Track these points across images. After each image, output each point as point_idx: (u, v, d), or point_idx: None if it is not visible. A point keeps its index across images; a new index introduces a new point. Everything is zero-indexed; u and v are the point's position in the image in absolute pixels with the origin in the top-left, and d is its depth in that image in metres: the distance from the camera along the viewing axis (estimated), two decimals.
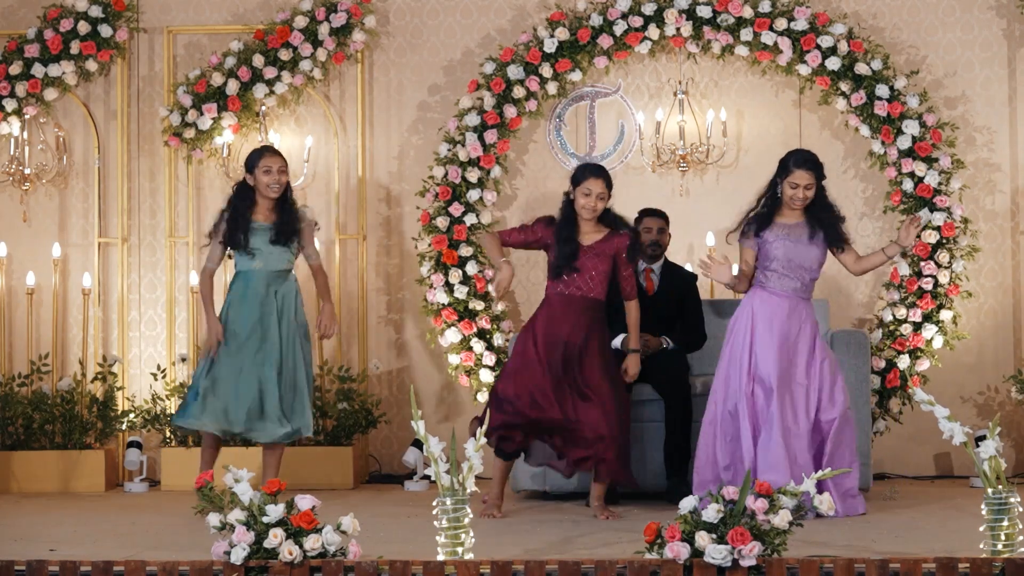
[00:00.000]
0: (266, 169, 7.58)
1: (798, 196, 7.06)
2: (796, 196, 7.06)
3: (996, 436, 5.38)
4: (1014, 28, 9.01)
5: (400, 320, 9.26)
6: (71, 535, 6.70)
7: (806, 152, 7.24)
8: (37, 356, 9.03)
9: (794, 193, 7.06)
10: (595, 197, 7.23)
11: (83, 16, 9.06)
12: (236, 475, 5.27)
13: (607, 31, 8.89)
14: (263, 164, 7.59)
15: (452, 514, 5.23)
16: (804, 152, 7.24)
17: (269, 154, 7.67)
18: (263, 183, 7.58)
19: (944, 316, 8.66)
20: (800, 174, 7.06)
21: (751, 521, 5.04)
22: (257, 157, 7.64)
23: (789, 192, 7.07)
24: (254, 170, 7.61)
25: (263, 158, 7.62)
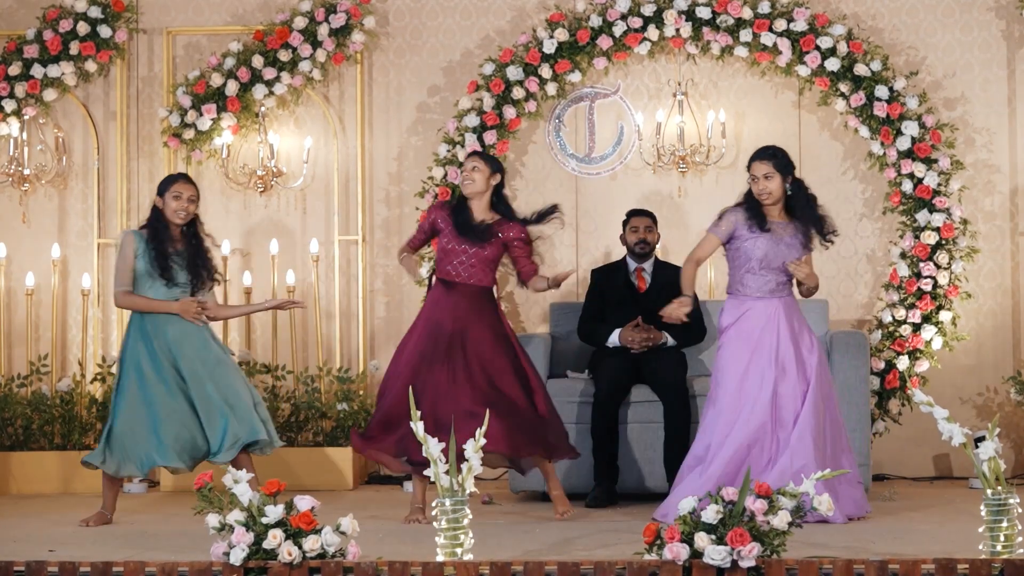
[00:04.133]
0: (176, 195, 7.33)
1: (760, 188, 7.02)
2: (758, 189, 7.02)
3: (995, 437, 5.39)
4: (1013, 29, 9.02)
5: (400, 321, 9.25)
6: (71, 535, 6.70)
7: (766, 146, 7.24)
8: (36, 357, 9.03)
9: (756, 187, 7.04)
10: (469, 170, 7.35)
11: (82, 17, 9.06)
12: (235, 476, 5.28)
13: (606, 32, 8.89)
14: (174, 189, 7.34)
15: (451, 515, 5.24)
16: (764, 146, 7.23)
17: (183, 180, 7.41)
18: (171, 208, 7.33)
19: (943, 317, 8.66)
20: (755, 165, 7.05)
21: (750, 522, 5.04)
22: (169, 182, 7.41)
23: (753, 188, 7.07)
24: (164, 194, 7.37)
25: (175, 183, 7.37)
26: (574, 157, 9.19)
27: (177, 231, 7.38)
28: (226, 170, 9.16)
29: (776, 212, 7.09)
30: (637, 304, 8.08)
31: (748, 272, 7.07)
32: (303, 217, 9.29)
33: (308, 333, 9.21)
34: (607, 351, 8.03)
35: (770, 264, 7.03)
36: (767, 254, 7.03)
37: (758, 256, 7.03)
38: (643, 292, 8.15)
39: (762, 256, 7.03)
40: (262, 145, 9.15)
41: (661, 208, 8.72)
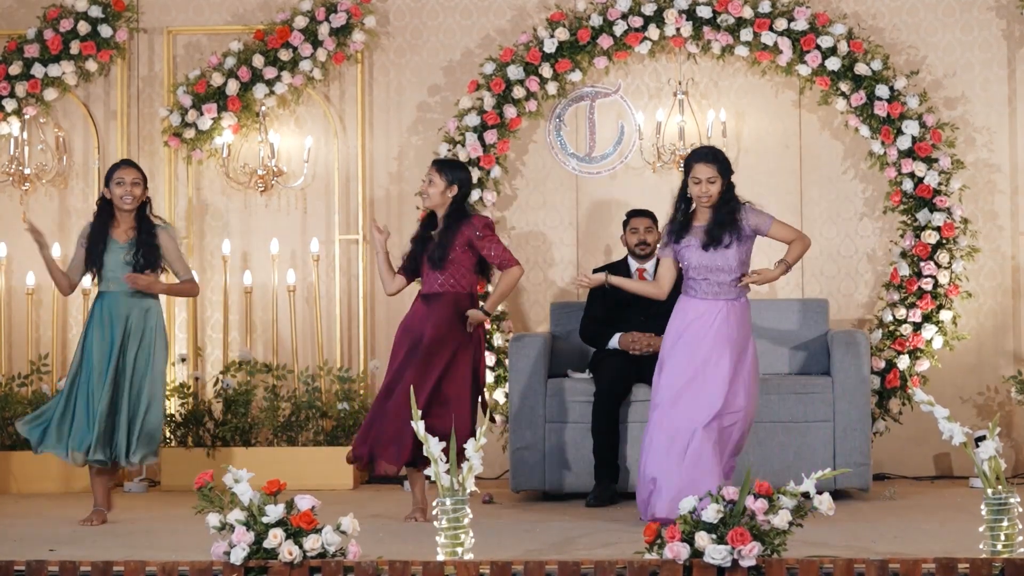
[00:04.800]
0: (119, 181, 7.37)
1: (700, 191, 6.92)
2: (699, 192, 6.92)
3: (995, 437, 5.39)
4: (1014, 28, 9.01)
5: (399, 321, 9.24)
6: (71, 535, 6.70)
7: (705, 147, 7.18)
8: (37, 356, 9.03)
9: (697, 189, 6.95)
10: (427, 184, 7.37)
11: (83, 16, 9.06)
12: (236, 475, 5.28)
13: (607, 31, 8.89)
14: (116, 176, 7.39)
15: (452, 514, 5.24)
16: (703, 147, 7.16)
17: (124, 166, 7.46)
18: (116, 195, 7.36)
19: (944, 316, 8.66)
20: (699, 167, 6.94)
21: (751, 521, 5.04)
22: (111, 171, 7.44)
23: (693, 190, 6.96)
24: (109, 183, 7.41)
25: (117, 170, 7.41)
26: (575, 156, 9.19)
27: (129, 218, 7.40)
28: (227, 170, 9.16)
29: (706, 214, 7.01)
30: (639, 305, 8.06)
31: (691, 279, 6.99)
32: (303, 216, 9.29)
33: (309, 332, 9.21)
34: (608, 351, 8.03)
35: (707, 268, 6.93)
36: (700, 261, 6.92)
37: (693, 264, 6.93)
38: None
39: (696, 263, 6.94)
40: (263, 144, 9.15)
41: (661, 208, 8.70)
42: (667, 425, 6.80)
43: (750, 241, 6.97)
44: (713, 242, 6.88)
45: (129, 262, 7.37)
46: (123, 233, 7.42)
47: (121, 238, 7.42)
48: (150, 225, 7.44)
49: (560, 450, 7.92)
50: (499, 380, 8.78)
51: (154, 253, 7.40)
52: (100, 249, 7.39)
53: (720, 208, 6.93)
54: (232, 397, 8.82)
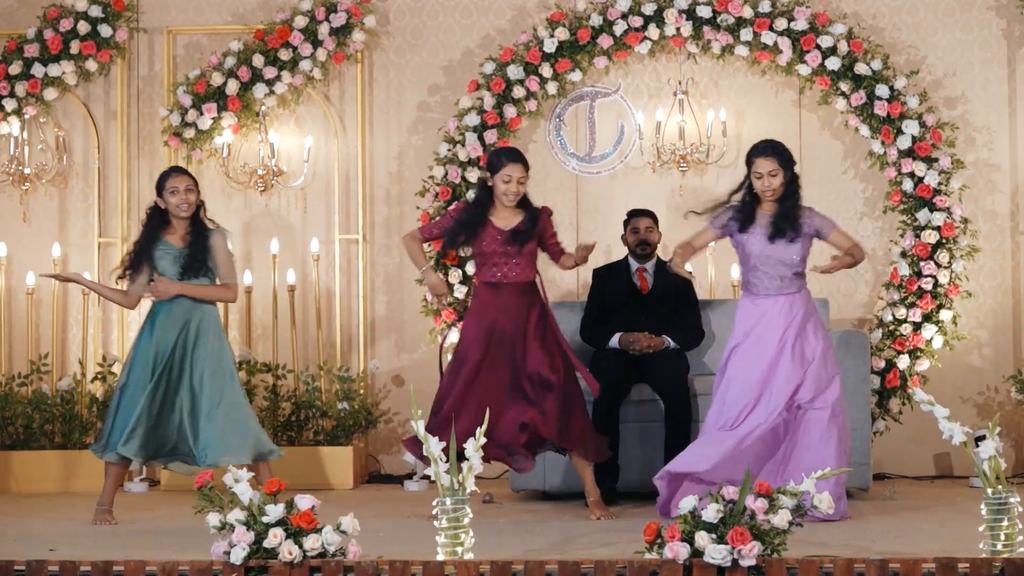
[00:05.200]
0: (173, 189, 7.30)
1: (764, 185, 7.00)
2: (763, 186, 7.01)
3: (996, 436, 5.38)
4: (1014, 28, 9.02)
5: (400, 320, 9.26)
6: (71, 535, 6.70)
7: (765, 140, 7.21)
8: (37, 356, 9.04)
9: (760, 183, 7.02)
10: (516, 182, 7.18)
11: (83, 16, 9.06)
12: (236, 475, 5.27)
13: (607, 31, 8.89)
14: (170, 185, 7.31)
15: (452, 514, 5.24)
16: (763, 141, 7.20)
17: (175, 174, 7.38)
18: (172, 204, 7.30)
19: (944, 316, 8.66)
20: (760, 162, 7.02)
21: (751, 521, 5.04)
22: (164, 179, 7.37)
23: (756, 184, 7.04)
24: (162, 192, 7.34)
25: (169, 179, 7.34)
26: (575, 156, 9.19)
27: (185, 224, 7.34)
28: (227, 169, 9.16)
29: (771, 207, 7.07)
30: (640, 305, 8.07)
31: (751, 271, 7.08)
32: (304, 216, 9.29)
33: (308, 332, 9.21)
34: (607, 350, 8.03)
35: (768, 260, 7.01)
36: (763, 251, 7.01)
37: (754, 254, 7.03)
38: (646, 293, 8.14)
39: (758, 254, 7.02)
40: (263, 144, 9.16)
41: (661, 207, 8.71)
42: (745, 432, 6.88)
43: (810, 242, 7.07)
44: (779, 233, 6.98)
45: (177, 263, 7.30)
46: (180, 239, 7.34)
47: (179, 243, 7.33)
48: (203, 228, 7.39)
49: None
50: None
51: (202, 255, 7.34)
52: (152, 255, 7.29)
53: (785, 201, 7.02)
54: None
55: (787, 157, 7.05)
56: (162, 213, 7.35)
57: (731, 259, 8.48)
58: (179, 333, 7.25)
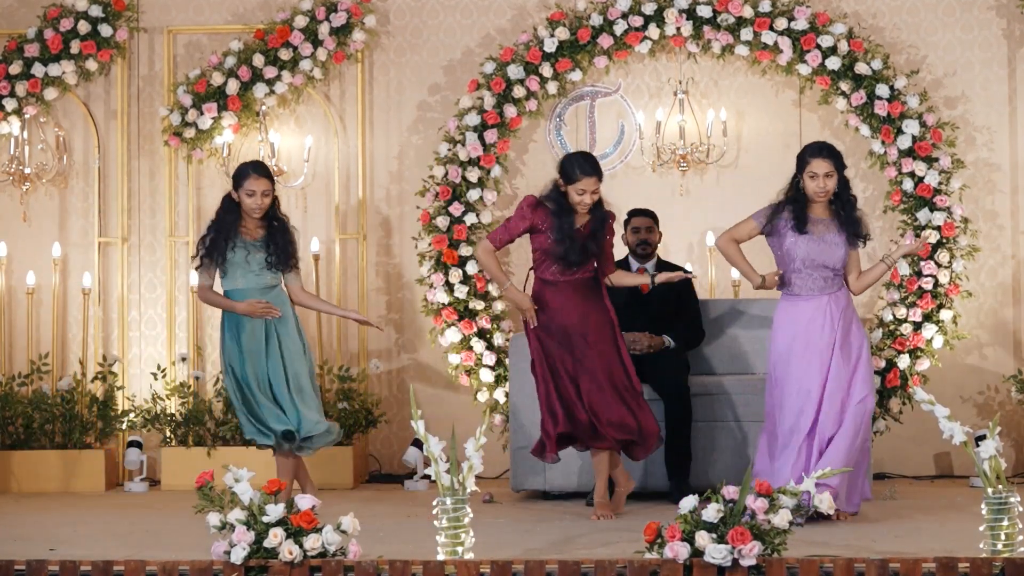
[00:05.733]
0: (250, 192, 7.30)
1: (819, 186, 6.99)
2: (818, 187, 6.99)
3: (996, 436, 5.39)
4: (1014, 28, 9.01)
5: (400, 320, 9.26)
6: (71, 535, 6.70)
7: (821, 142, 7.20)
8: (37, 356, 9.03)
9: (814, 184, 7.00)
10: (590, 194, 7.15)
11: (83, 16, 9.06)
12: (236, 475, 5.28)
13: (607, 31, 8.89)
14: (247, 187, 7.30)
15: (452, 514, 5.24)
16: (819, 142, 7.19)
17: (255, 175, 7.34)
18: (246, 204, 7.31)
19: (944, 316, 8.66)
20: (816, 162, 7.00)
21: (751, 521, 5.04)
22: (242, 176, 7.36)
23: (811, 185, 7.01)
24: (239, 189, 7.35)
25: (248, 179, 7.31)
26: None
27: (256, 221, 7.35)
28: (227, 169, 9.15)
29: (822, 209, 7.06)
30: (640, 305, 8.06)
31: (794, 272, 7.06)
32: (304, 216, 9.29)
33: (309, 332, 9.19)
34: None
35: (814, 263, 7.01)
36: (809, 253, 7.01)
37: (800, 256, 7.01)
38: (646, 293, 8.13)
39: (804, 256, 7.01)
40: (263, 144, 9.15)
41: (662, 207, 8.71)
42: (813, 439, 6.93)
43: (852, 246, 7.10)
44: (858, 237, 7.03)
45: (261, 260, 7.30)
46: (252, 232, 7.35)
47: (250, 236, 7.34)
48: (283, 224, 7.38)
49: None
50: (499, 380, 8.77)
51: (287, 251, 7.36)
52: (225, 246, 7.28)
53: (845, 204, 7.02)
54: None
55: (841, 159, 7.07)
56: (236, 205, 7.35)
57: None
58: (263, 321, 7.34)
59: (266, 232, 7.35)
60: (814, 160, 7.00)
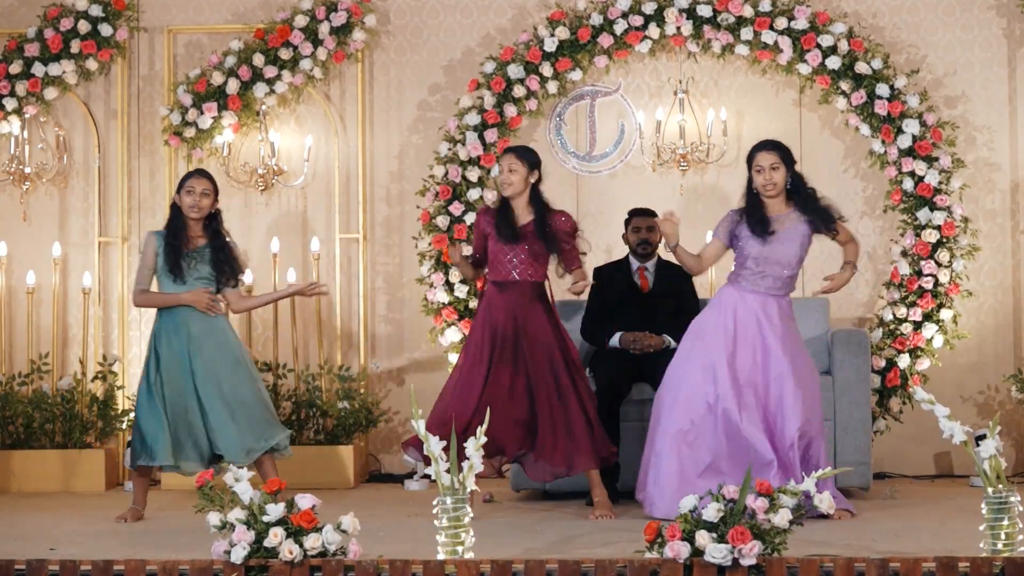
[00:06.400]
0: (188, 190, 7.35)
1: (765, 179, 7.01)
2: (764, 180, 7.01)
3: (996, 435, 5.38)
4: (1014, 27, 9.02)
5: (400, 319, 9.26)
6: (71, 535, 6.70)
7: (765, 139, 7.26)
8: (37, 355, 9.03)
9: (760, 178, 7.03)
10: (507, 172, 7.25)
11: (83, 15, 9.06)
12: (236, 474, 5.27)
13: (607, 30, 8.89)
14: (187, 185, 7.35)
15: (452, 513, 5.24)
16: (765, 139, 7.26)
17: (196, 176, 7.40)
18: (185, 203, 7.34)
19: (944, 315, 8.66)
20: (760, 156, 7.04)
21: (751, 520, 5.04)
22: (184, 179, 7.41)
23: (758, 180, 7.04)
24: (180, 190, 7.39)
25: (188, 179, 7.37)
26: (575, 155, 9.19)
27: (198, 227, 7.37)
28: (227, 168, 9.16)
29: (777, 205, 7.07)
30: (641, 305, 8.06)
31: (744, 268, 7.09)
32: (304, 215, 9.29)
33: (309, 331, 9.21)
34: (608, 350, 8.03)
35: (767, 260, 7.03)
36: (761, 253, 7.02)
37: (753, 255, 7.04)
38: (647, 292, 8.14)
39: (757, 255, 7.03)
40: (263, 143, 9.16)
41: (662, 206, 8.69)
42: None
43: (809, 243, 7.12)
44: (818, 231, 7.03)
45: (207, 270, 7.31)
46: (193, 241, 7.38)
47: (191, 245, 7.36)
48: (223, 238, 7.41)
49: None
50: None
51: (234, 265, 7.39)
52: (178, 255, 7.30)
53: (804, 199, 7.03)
54: None
55: (788, 152, 7.08)
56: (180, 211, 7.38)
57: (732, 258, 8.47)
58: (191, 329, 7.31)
59: (208, 244, 7.36)
60: (758, 154, 7.06)
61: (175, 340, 7.29)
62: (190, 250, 7.33)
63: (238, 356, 7.37)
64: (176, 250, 7.30)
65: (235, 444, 7.21)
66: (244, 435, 7.24)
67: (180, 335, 7.29)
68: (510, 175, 7.25)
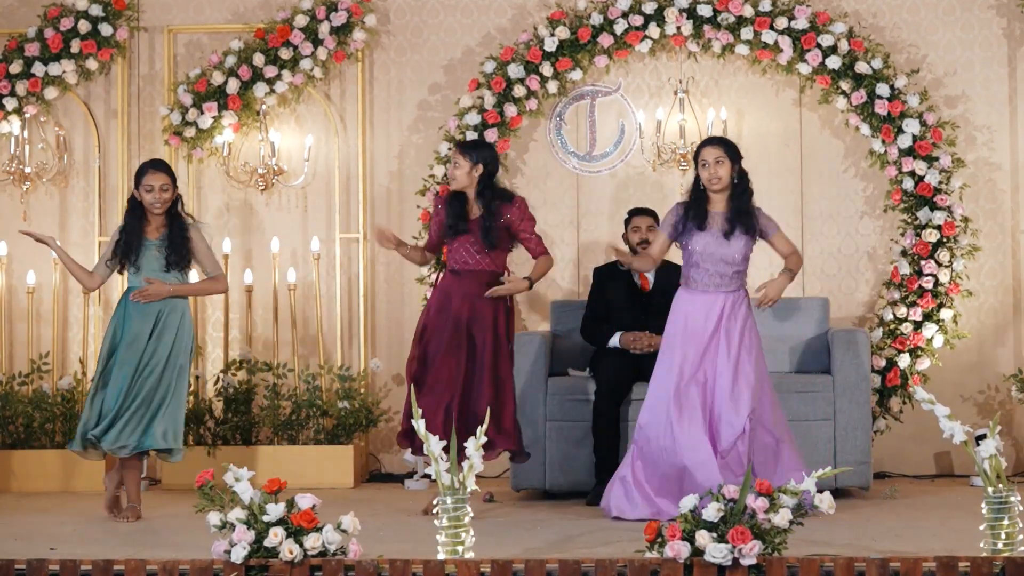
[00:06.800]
0: (148, 188, 7.41)
1: (710, 174, 7.05)
2: (708, 175, 7.06)
3: (996, 435, 5.39)
4: (1014, 27, 9.01)
5: (400, 319, 9.26)
6: (71, 535, 6.70)
7: (713, 135, 7.38)
8: (37, 355, 9.03)
9: (705, 172, 7.07)
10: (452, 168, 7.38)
11: (83, 15, 9.06)
12: (236, 474, 5.27)
13: (607, 30, 8.89)
14: (145, 183, 7.42)
15: (452, 513, 5.24)
16: (711, 135, 7.37)
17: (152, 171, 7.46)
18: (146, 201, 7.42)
19: (944, 315, 8.66)
20: (706, 151, 7.11)
21: (751, 520, 5.04)
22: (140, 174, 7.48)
23: (703, 175, 7.09)
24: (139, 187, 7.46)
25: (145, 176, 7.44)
26: (575, 155, 9.19)
27: (160, 218, 7.46)
28: (227, 168, 9.16)
29: (722, 201, 7.10)
30: (641, 304, 8.06)
31: (692, 266, 7.12)
32: (304, 215, 9.29)
33: (309, 331, 9.21)
34: (608, 349, 8.03)
35: (712, 256, 7.05)
36: (706, 248, 7.05)
37: (698, 250, 7.07)
38: (647, 292, 8.14)
39: (701, 250, 7.06)
40: (263, 143, 9.15)
41: (662, 206, 8.70)
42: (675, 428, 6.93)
43: (754, 240, 7.13)
44: (733, 229, 7.03)
45: (161, 257, 7.42)
46: (155, 230, 7.48)
47: (152, 235, 7.47)
48: (181, 223, 7.49)
49: (560, 449, 7.92)
50: None
51: (184, 250, 7.46)
52: (134, 246, 7.43)
53: (739, 197, 7.05)
54: (233, 396, 8.83)
55: (734, 149, 7.15)
56: (140, 206, 7.48)
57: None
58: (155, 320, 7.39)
59: (167, 230, 7.45)
60: (704, 149, 7.13)
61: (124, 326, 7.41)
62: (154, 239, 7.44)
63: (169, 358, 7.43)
64: (128, 244, 7.41)
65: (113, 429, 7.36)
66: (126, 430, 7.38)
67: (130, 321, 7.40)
68: (454, 170, 7.39)
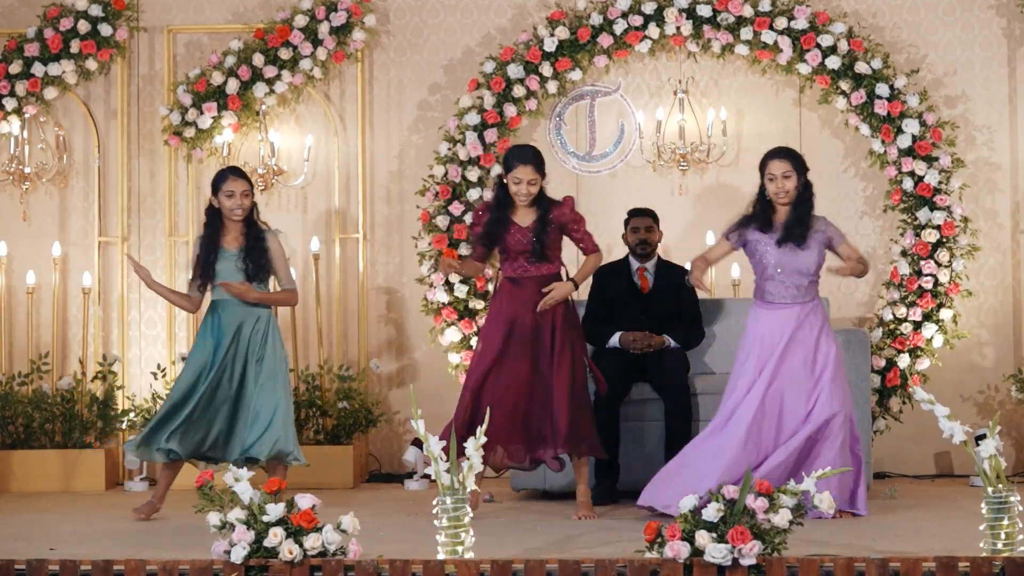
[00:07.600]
0: (229, 193, 7.38)
1: (778, 187, 7.05)
2: (777, 189, 7.05)
3: (996, 435, 5.39)
4: (1014, 27, 9.02)
5: (400, 319, 9.26)
6: (71, 535, 6.70)
7: (779, 146, 7.33)
8: (37, 355, 9.03)
9: (772, 186, 7.06)
10: (526, 184, 7.20)
11: (83, 15, 9.06)
12: (236, 474, 5.28)
13: (607, 30, 8.89)
14: (226, 188, 7.39)
15: (452, 513, 5.24)
16: (777, 147, 7.32)
17: (233, 176, 7.44)
18: (226, 207, 7.39)
19: (944, 315, 8.66)
20: (774, 164, 7.09)
21: (751, 520, 5.04)
22: (220, 180, 7.44)
23: (770, 188, 7.08)
24: (218, 193, 7.42)
25: (225, 182, 7.40)
26: (575, 155, 9.19)
27: (238, 226, 7.41)
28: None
29: (786, 213, 7.09)
30: (641, 305, 8.06)
31: (767, 279, 7.09)
32: (304, 215, 9.29)
33: (309, 331, 9.21)
34: (608, 349, 8.03)
35: (787, 268, 7.03)
36: (780, 260, 7.03)
37: (772, 263, 7.05)
38: (647, 292, 8.14)
39: (775, 262, 7.04)
40: (263, 143, 9.16)
41: (662, 206, 8.70)
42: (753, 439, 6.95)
43: (824, 250, 7.11)
44: (789, 238, 7.02)
45: (240, 269, 7.35)
46: (233, 240, 7.40)
47: (231, 245, 7.40)
48: (258, 231, 7.44)
49: None
50: None
51: (264, 259, 7.40)
52: (212, 259, 7.36)
53: (799, 207, 7.05)
54: None
55: (801, 162, 7.12)
56: (218, 214, 7.41)
57: (731, 259, 8.47)
58: (236, 333, 7.34)
59: (245, 240, 7.40)
60: (771, 162, 7.11)
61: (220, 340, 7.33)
62: (233, 250, 7.37)
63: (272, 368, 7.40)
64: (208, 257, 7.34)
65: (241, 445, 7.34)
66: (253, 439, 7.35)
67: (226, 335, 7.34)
68: (530, 187, 7.20)
